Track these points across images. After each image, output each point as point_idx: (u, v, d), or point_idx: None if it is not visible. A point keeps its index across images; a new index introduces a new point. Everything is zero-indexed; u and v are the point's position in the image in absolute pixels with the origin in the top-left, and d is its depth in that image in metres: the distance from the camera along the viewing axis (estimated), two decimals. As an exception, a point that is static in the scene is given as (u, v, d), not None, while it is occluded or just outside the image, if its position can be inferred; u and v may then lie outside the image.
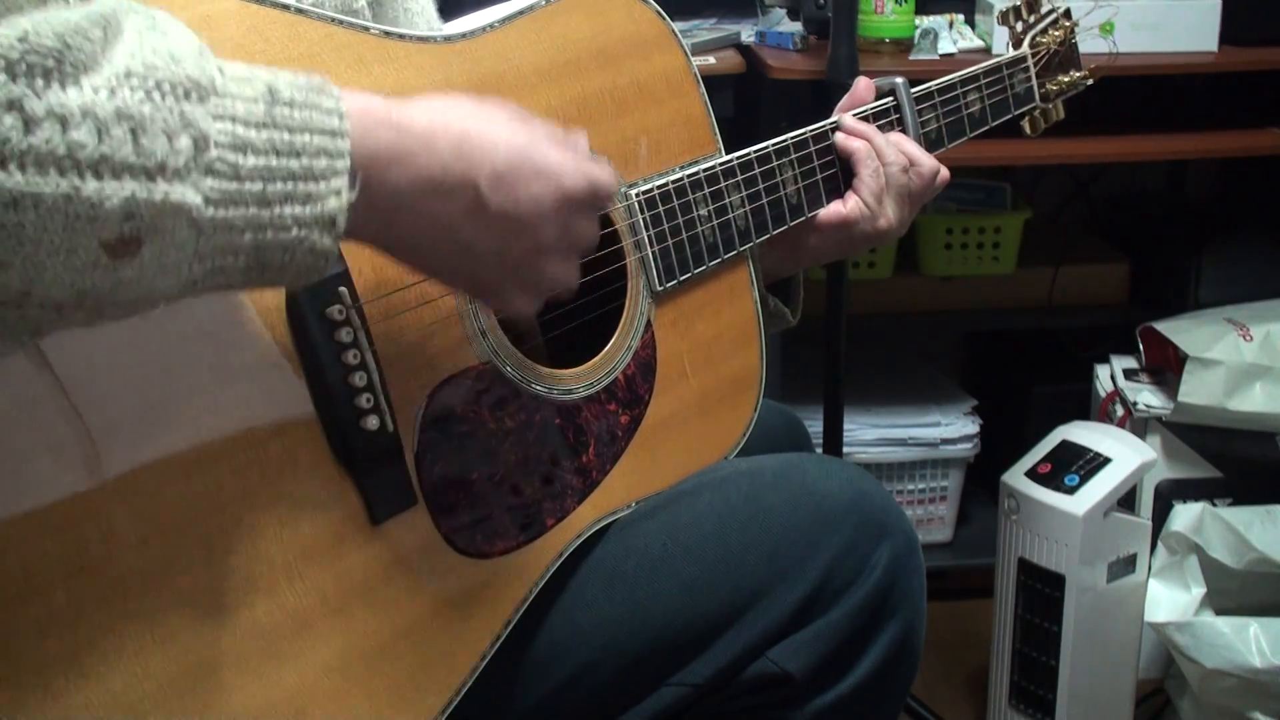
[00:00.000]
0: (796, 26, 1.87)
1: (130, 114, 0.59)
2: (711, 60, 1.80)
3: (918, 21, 1.82)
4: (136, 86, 0.59)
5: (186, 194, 0.61)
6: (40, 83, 0.56)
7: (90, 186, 0.57)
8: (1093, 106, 1.60)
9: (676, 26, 1.04)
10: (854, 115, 1.13)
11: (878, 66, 1.73)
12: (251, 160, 0.63)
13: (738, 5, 2.02)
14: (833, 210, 1.11)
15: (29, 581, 0.66)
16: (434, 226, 0.73)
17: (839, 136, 1.11)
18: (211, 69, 0.63)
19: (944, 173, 1.15)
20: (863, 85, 1.16)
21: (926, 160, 1.13)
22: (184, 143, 0.60)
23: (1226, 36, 1.82)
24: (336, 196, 0.67)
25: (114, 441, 0.68)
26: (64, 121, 0.56)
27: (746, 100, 1.86)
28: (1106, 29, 1.61)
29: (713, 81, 1.75)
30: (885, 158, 1.10)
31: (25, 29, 0.56)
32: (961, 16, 1.88)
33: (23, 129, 0.55)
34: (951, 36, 1.83)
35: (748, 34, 1.93)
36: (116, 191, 0.58)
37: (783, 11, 1.91)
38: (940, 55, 1.80)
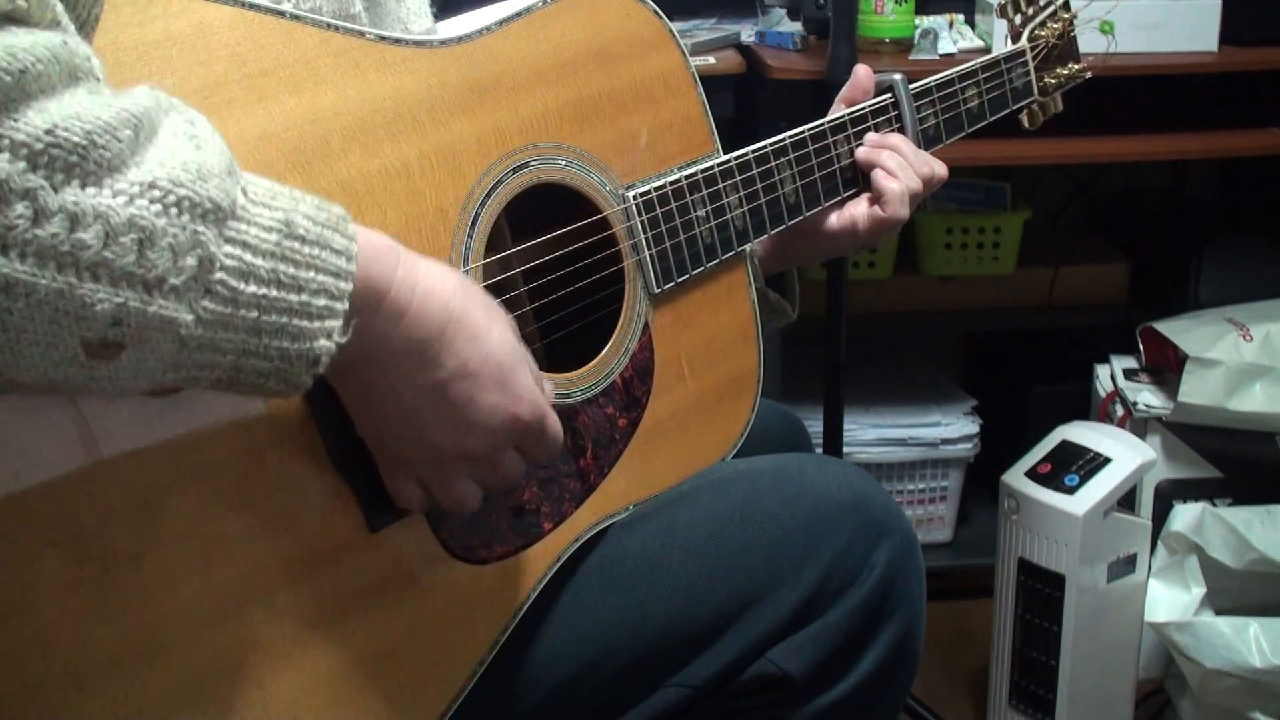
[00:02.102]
0: (796, 26, 1.87)
1: (143, 225, 0.59)
2: (711, 60, 1.80)
3: (918, 21, 1.81)
4: (156, 199, 0.59)
5: (180, 312, 0.61)
6: (60, 178, 0.56)
7: (85, 287, 0.57)
8: (1093, 106, 1.60)
9: (676, 26, 1.04)
10: (852, 114, 1.13)
11: (878, 66, 1.70)
12: (252, 288, 0.63)
13: (738, 5, 2.02)
14: (842, 218, 1.13)
15: (27, 593, 0.66)
16: (391, 384, 0.74)
17: (861, 151, 1.12)
18: (235, 191, 0.63)
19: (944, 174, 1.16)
20: (863, 73, 1.16)
21: (941, 170, 1.15)
22: (189, 262, 0.60)
23: (1226, 36, 1.81)
24: (327, 339, 0.67)
25: (109, 426, 0.68)
26: (74, 220, 0.56)
27: (746, 100, 1.86)
28: (1106, 28, 1.61)
29: (713, 81, 1.76)
30: (915, 165, 1.12)
31: (54, 121, 0.56)
32: (961, 16, 1.88)
33: (31, 219, 0.55)
34: (951, 36, 1.83)
35: (748, 34, 1.93)
36: (110, 297, 0.58)
37: (783, 11, 1.91)
38: (940, 55, 1.80)
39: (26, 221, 0.55)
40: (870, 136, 1.13)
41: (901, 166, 1.11)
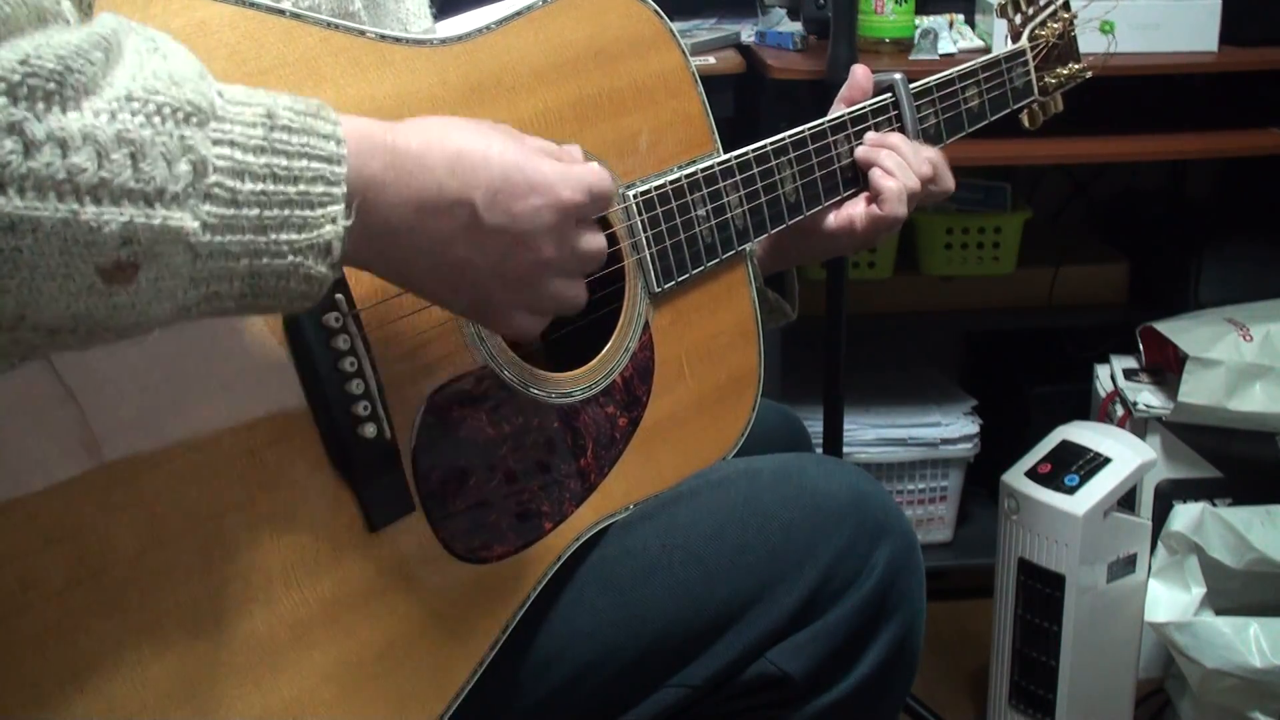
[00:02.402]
0: (796, 26, 1.87)
1: (130, 138, 0.58)
2: (711, 60, 1.80)
3: (918, 21, 1.81)
4: (137, 110, 0.59)
5: (184, 219, 0.60)
6: (41, 106, 0.56)
7: (89, 211, 0.57)
8: (1093, 106, 1.60)
9: (676, 26, 1.04)
10: (852, 113, 1.13)
11: (878, 66, 1.71)
12: (249, 186, 0.63)
13: (738, 5, 2.02)
14: (840, 219, 1.13)
15: (27, 593, 0.66)
16: (431, 247, 0.73)
17: (861, 150, 1.12)
18: (211, 92, 0.63)
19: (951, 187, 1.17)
20: (860, 73, 1.16)
21: (946, 178, 1.14)
22: (183, 168, 0.60)
23: (1226, 36, 1.81)
24: (333, 224, 0.66)
25: (113, 434, 0.68)
26: (64, 145, 0.56)
27: (746, 100, 1.86)
28: (1107, 28, 1.61)
29: (713, 81, 1.76)
30: (914, 164, 1.12)
31: (26, 51, 0.55)
32: (961, 16, 1.88)
33: (23, 152, 0.55)
34: (951, 36, 1.83)
35: (748, 34, 1.93)
36: (115, 217, 0.58)
37: (783, 11, 1.91)
38: (940, 55, 1.80)
39: (18, 155, 0.55)
40: (870, 135, 1.13)
41: (900, 166, 1.11)
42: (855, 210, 1.13)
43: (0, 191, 0.54)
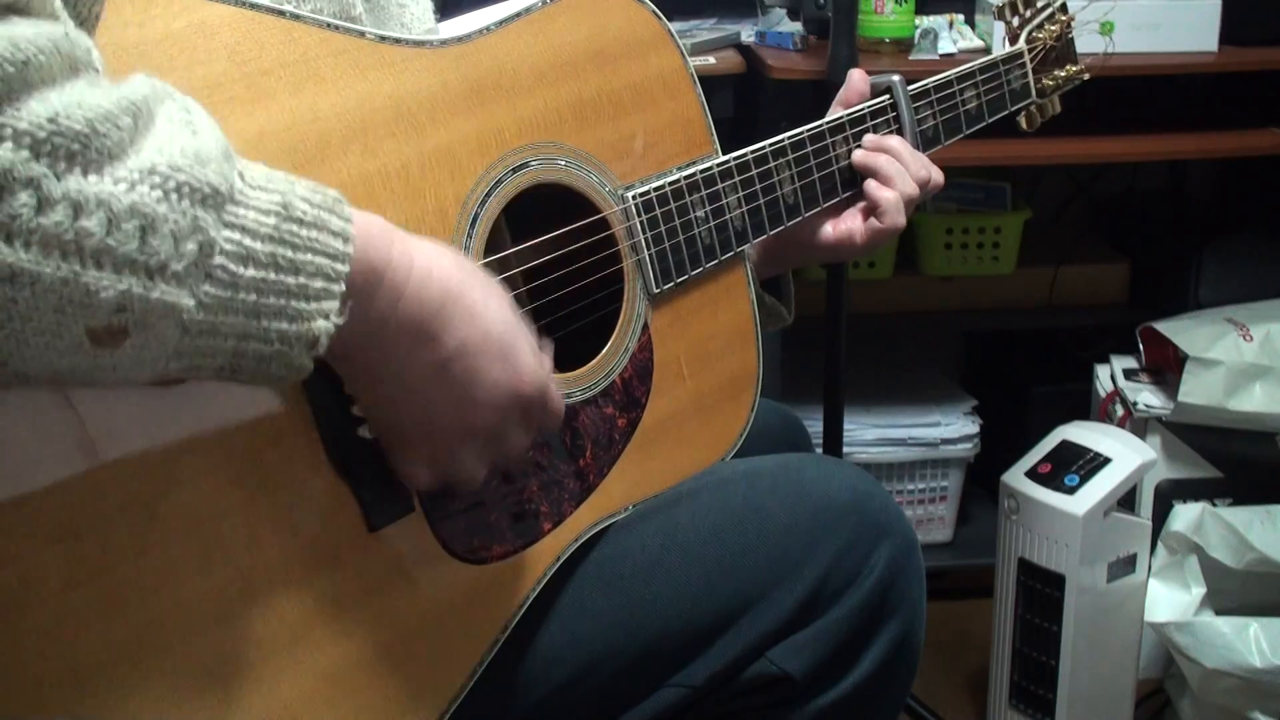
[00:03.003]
0: (796, 26, 1.87)
1: (144, 212, 0.59)
2: (711, 60, 1.80)
3: (918, 21, 1.81)
4: (157, 185, 0.59)
5: (181, 297, 0.61)
6: (62, 166, 0.56)
7: (89, 275, 0.57)
8: (1093, 106, 1.60)
9: (676, 27, 1.04)
10: (850, 115, 1.13)
11: (878, 66, 1.72)
12: (251, 272, 0.64)
13: (738, 5, 2.02)
14: (833, 232, 1.13)
15: (27, 592, 0.65)
16: (393, 365, 0.74)
17: (858, 154, 1.12)
18: (233, 175, 0.63)
19: (940, 181, 1.17)
20: (857, 77, 1.16)
21: (938, 176, 1.14)
22: (190, 247, 0.61)
23: (1226, 36, 1.81)
24: (325, 320, 0.67)
25: (110, 435, 0.68)
26: (78, 208, 0.57)
27: (746, 100, 1.86)
28: (1107, 28, 1.61)
29: (713, 81, 1.76)
30: (912, 170, 1.12)
31: (56, 110, 0.56)
32: (961, 16, 1.88)
33: (35, 208, 0.55)
34: (951, 36, 1.83)
35: (748, 34, 1.93)
36: (114, 284, 0.58)
37: (783, 11, 1.91)
38: (940, 55, 1.80)
39: (30, 210, 0.55)
40: (868, 139, 1.13)
41: (900, 173, 1.11)
42: (854, 224, 1.13)
43: (7, 242, 0.55)
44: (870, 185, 1.12)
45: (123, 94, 0.60)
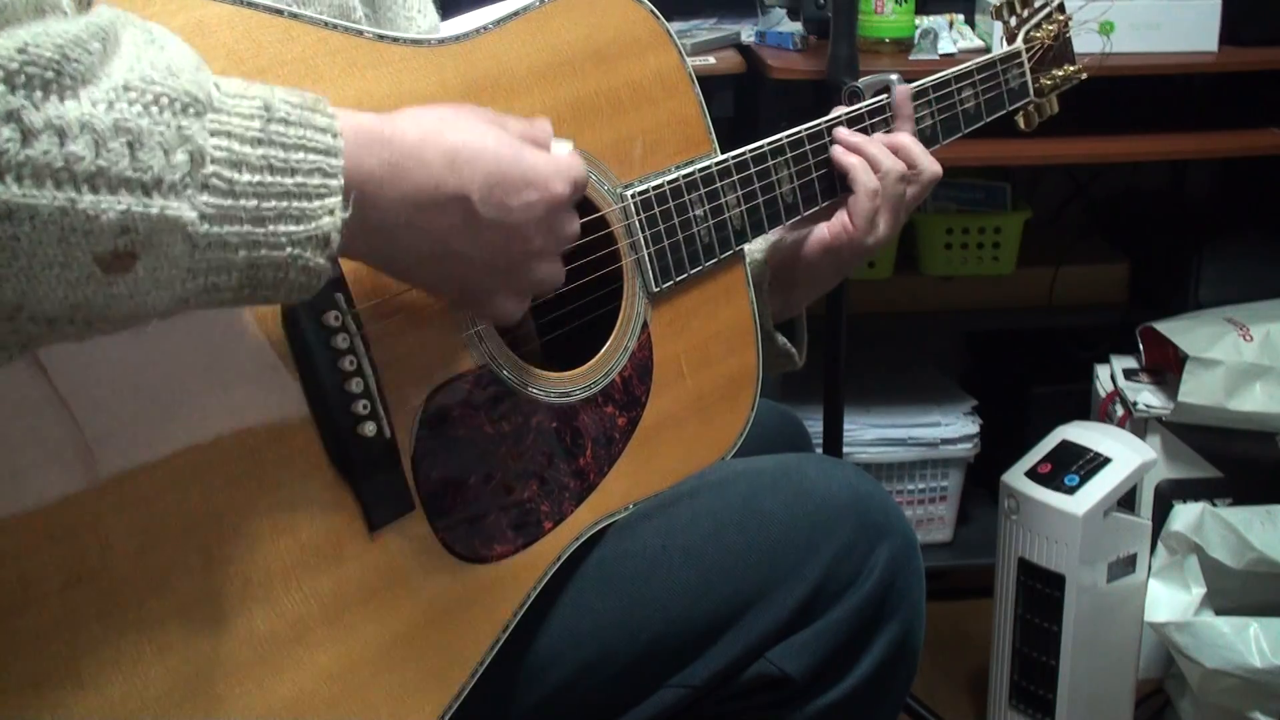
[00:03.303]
0: (796, 26, 1.87)
1: (128, 128, 0.59)
2: (711, 60, 1.80)
3: (918, 21, 1.82)
4: (134, 100, 0.59)
5: (182, 209, 0.61)
6: (39, 94, 0.56)
7: (86, 200, 0.57)
8: (1093, 106, 1.60)
9: (677, 26, 1.04)
10: (849, 114, 1.13)
11: (878, 66, 1.73)
12: (247, 177, 0.64)
13: (738, 5, 2.02)
14: (818, 236, 1.11)
15: (26, 591, 0.66)
16: (427, 240, 0.74)
17: (835, 151, 1.11)
18: (208, 83, 0.63)
19: (939, 170, 1.14)
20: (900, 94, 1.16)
21: (927, 165, 1.12)
22: (180, 158, 0.60)
23: (1226, 36, 1.82)
24: (330, 215, 0.67)
25: (108, 444, 0.68)
26: (62, 134, 0.56)
27: (746, 100, 1.86)
28: (1106, 28, 1.61)
29: (713, 81, 1.76)
30: (881, 166, 1.10)
31: (24, 40, 0.56)
32: (961, 16, 1.88)
33: (20, 141, 0.55)
34: (951, 36, 1.83)
35: (748, 34, 1.93)
36: (112, 205, 0.58)
37: (783, 11, 1.91)
38: (940, 55, 1.80)
39: (15, 143, 0.55)
40: (838, 133, 1.12)
41: (865, 171, 1.09)
42: (839, 221, 1.12)
43: None
44: (850, 183, 1.11)
45: (88, 20, 0.59)
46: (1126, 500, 1.71)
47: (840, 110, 1.14)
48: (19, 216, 0.55)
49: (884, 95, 1.16)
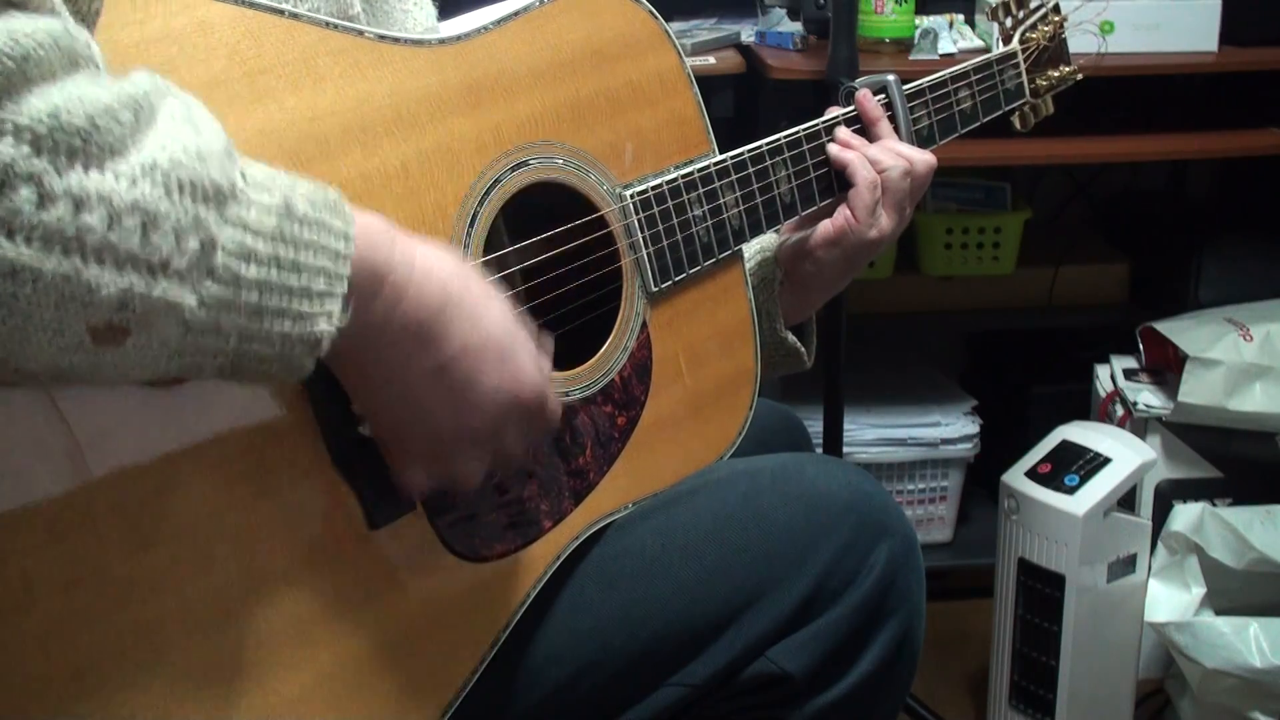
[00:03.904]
0: (796, 26, 1.87)
1: (145, 208, 0.59)
2: (711, 60, 1.80)
3: (918, 21, 1.82)
4: (158, 182, 0.59)
5: (184, 295, 0.61)
6: (63, 161, 0.56)
7: (91, 271, 0.57)
8: (1093, 106, 1.60)
9: (677, 26, 1.04)
10: (847, 114, 1.13)
11: (878, 66, 1.73)
12: (254, 271, 0.64)
13: (738, 5, 2.02)
14: (822, 231, 1.11)
15: (29, 592, 0.66)
16: (392, 367, 0.74)
17: (832, 148, 1.11)
18: (235, 173, 0.63)
19: (933, 160, 1.14)
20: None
21: (920, 158, 1.12)
22: (192, 245, 0.61)
23: (1226, 36, 1.82)
24: (328, 319, 0.67)
25: (102, 444, 0.68)
26: (79, 204, 0.56)
27: (746, 100, 1.87)
28: (1106, 28, 1.61)
29: (713, 81, 1.76)
30: (882, 164, 1.10)
31: (56, 104, 0.56)
32: (961, 16, 1.88)
33: (37, 204, 0.55)
34: (951, 36, 1.83)
35: (748, 34, 1.93)
36: (115, 281, 0.58)
37: (783, 11, 1.91)
38: (940, 55, 1.80)
39: (31, 206, 0.55)
40: (839, 132, 1.12)
41: (862, 164, 1.09)
42: (840, 216, 1.12)
43: (9, 237, 0.55)
44: (849, 177, 1.11)
45: (124, 89, 0.59)
46: (1126, 500, 1.71)
47: (837, 111, 1.14)
48: (22, 277, 0.55)
49: (881, 95, 1.16)
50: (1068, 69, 1.32)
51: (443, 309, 0.74)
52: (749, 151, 1.06)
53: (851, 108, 1.14)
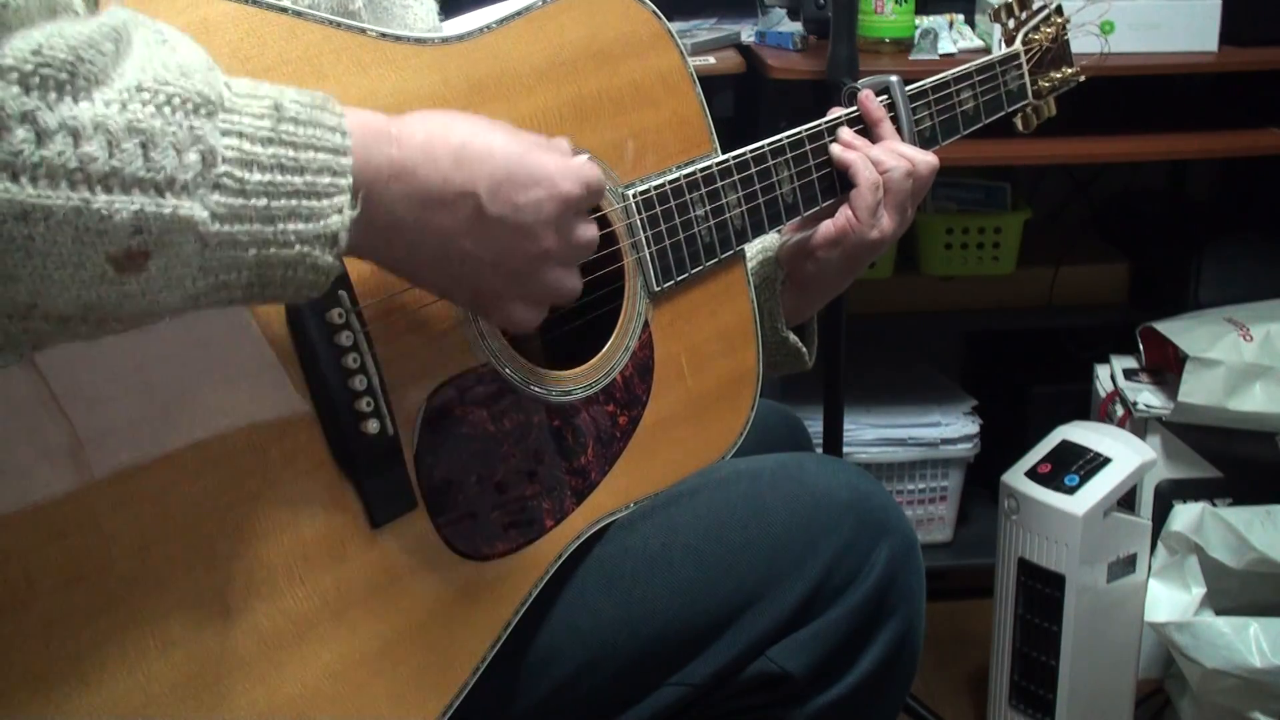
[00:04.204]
0: (796, 26, 1.87)
1: (141, 128, 0.59)
2: (711, 60, 1.80)
3: (918, 21, 1.82)
4: (147, 100, 0.60)
5: (194, 209, 0.61)
6: (53, 95, 0.56)
7: (100, 200, 0.58)
8: (1093, 106, 1.60)
9: (677, 26, 1.04)
10: (849, 114, 1.13)
11: (878, 66, 1.73)
12: (257, 176, 0.64)
13: (738, 5, 2.02)
14: (823, 231, 1.11)
15: (32, 588, 0.66)
16: (435, 239, 0.74)
17: (834, 149, 1.11)
18: (219, 84, 0.64)
19: (935, 161, 1.14)
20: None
21: (922, 159, 1.12)
22: (192, 157, 0.61)
23: (1226, 36, 1.82)
24: (339, 214, 0.67)
25: (104, 442, 0.68)
26: (76, 135, 0.57)
27: (746, 100, 1.87)
28: (1106, 28, 1.61)
29: (713, 81, 1.76)
30: (884, 164, 1.10)
31: (38, 42, 0.56)
32: (961, 16, 1.88)
33: (35, 142, 0.55)
34: (951, 36, 1.83)
35: (748, 34, 1.93)
36: (126, 205, 0.58)
37: (783, 11, 1.91)
38: (940, 55, 1.80)
39: (30, 144, 0.55)
40: (841, 133, 1.12)
41: (865, 165, 1.09)
42: (843, 217, 1.12)
43: (13, 180, 0.55)
44: (851, 177, 1.11)
45: (100, 21, 0.60)
46: (1126, 500, 1.71)
47: (840, 111, 1.14)
48: (34, 217, 0.56)
49: (883, 96, 1.16)
50: (1070, 70, 1.32)
51: (456, 161, 0.73)
52: (751, 151, 1.06)
53: (854, 108, 1.14)
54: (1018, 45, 1.28)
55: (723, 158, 1.04)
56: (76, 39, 0.58)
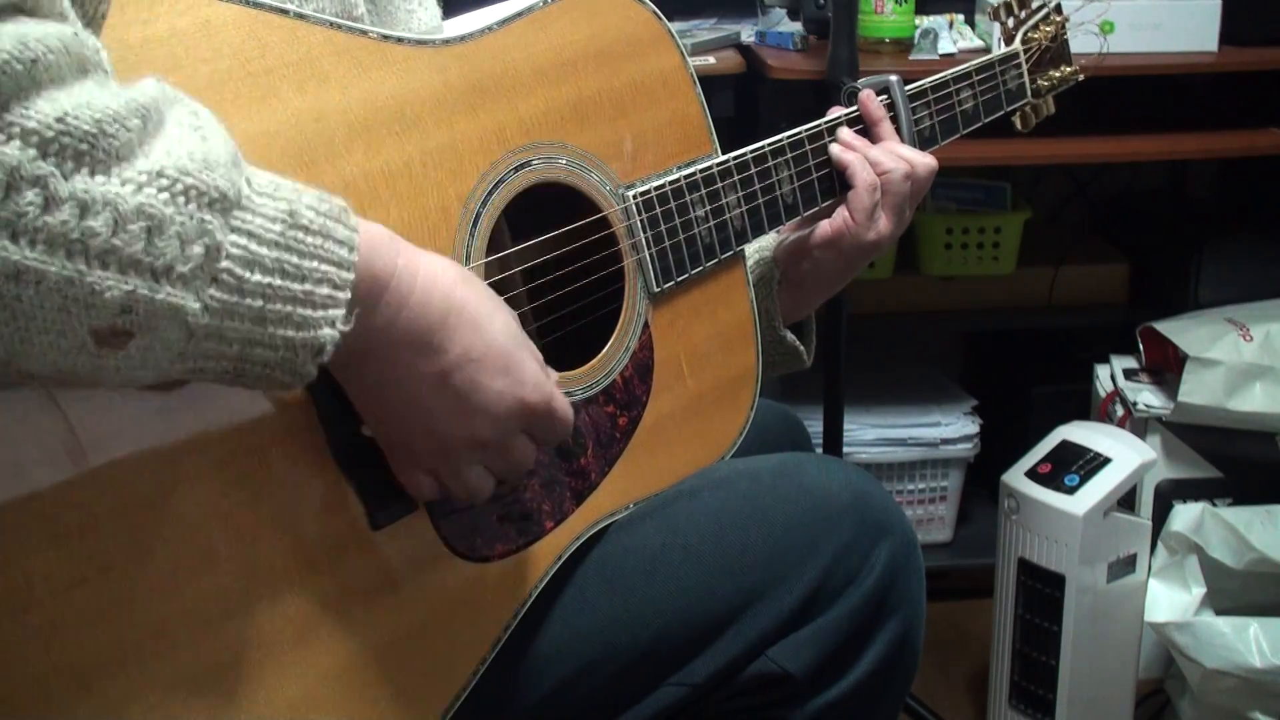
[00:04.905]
0: (796, 26, 1.87)
1: (151, 213, 0.59)
2: (711, 60, 1.80)
3: (918, 21, 1.82)
4: (164, 187, 0.60)
5: (187, 300, 0.61)
6: (69, 165, 0.57)
7: (94, 275, 0.58)
8: (1093, 106, 1.60)
9: (676, 26, 1.04)
10: (849, 114, 1.13)
11: (878, 66, 1.73)
12: (258, 277, 0.64)
13: (738, 5, 2.02)
14: (821, 231, 1.11)
15: (31, 591, 0.66)
16: (396, 374, 0.74)
17: (834, 149, 1.11)
18: (241, 180, 0.64)
19: (934, 163, 1.14)
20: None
21: (921, 161, 1.12)
22: (197, 250, 0.61)
23: (1226, 36, 1.82)
24: (330, 327, 0.67)
25: (104, 442, 0.68)
26: (84, 207, 0.57)
27: (746, 100, 1.87)
28: (1106, 28, 1.61)
29: (713, 81, 1.76)
30: (883, 166, 1.10)
31: (65, 109, 0.56)
32: (961, 16, 1.88)
33: (41, 207, 0.56)
34: (951, 36, 1.83)
35: (748, 34, 1.93)
36: (119, 284, 0.58)
37: (783, 11, 1.91)
38: (940, 55, 1.80)
39: (36, 209, 0.55)
40: (841, 133, 1.12)
41: (862, 166, 1.09)
42: (839, 217, 1.12)
43: (12, 239, 0.55)
44: (849, 179, 1.11)
45: (132, 96, 0.60)
46: (1126, 500, 1.71)
47: (840, 111, 1.14)
48: (25, 279, 0.56)
49: (883, 96, 1.16)
50: (1069, 69, 1.32)
51: (446, 317, 0.74)
52: (751, 152, 1.06)
53: (854, 108, 1.14)
54: (1017, 44, 1.29)
55: (723, 158, 1.04)
56: (103, 112, 0.58)
